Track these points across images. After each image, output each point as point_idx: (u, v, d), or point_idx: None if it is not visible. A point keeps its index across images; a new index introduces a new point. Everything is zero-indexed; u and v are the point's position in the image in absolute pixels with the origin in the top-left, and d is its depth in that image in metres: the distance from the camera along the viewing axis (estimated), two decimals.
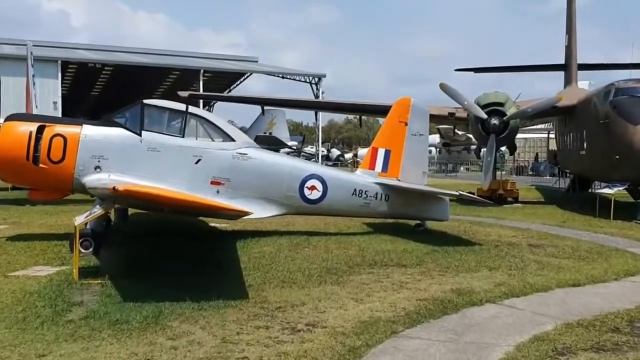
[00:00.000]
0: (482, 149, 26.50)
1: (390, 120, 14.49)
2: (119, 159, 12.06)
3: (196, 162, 12.44)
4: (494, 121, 21.21)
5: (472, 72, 36.37)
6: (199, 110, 13.00)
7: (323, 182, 13.44)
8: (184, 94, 26.37)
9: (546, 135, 56.11)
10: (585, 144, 21.20)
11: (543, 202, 25.56)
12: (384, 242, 12.86)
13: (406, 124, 14.29)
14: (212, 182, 12.58)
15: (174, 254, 11.00)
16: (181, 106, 12.80)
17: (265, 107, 62.00)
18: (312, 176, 13.41)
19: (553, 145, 56.13)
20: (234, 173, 12.68)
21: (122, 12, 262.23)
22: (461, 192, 13.25)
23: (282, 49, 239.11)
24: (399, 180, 14.16)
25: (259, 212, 12.87)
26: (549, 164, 50.41)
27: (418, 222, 14.62)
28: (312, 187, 13.35)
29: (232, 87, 67.36)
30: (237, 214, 8.22)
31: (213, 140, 12.78)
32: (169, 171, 12.25)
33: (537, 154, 58.88)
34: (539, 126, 57.74)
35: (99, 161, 12.02)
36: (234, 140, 12.82)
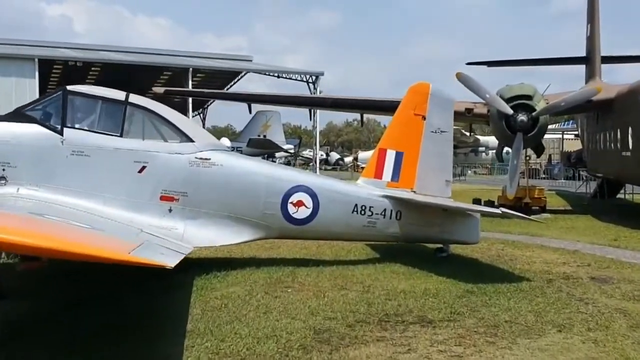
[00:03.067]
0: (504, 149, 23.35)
1: (402, 112, 11.08)
2: (33, 166, 8.82)
3: (139, 171, 9.16)
4: (522, 117, 17.75)
5: (477, 73, 33.22)
6: (146, 101, 9.68)
7: (313, 195, 10.09)
8: (159, 89, 23.02)
9: (559, 136, 52.97)
10: (630, 144, 17.80)
11: (573, 211, 22.16)
12: (396, 277, 9.51)
13: (424, 118, 10.90)
14: (162, 198, 9.27)
15: (92, 306, 7.63)
16: (119, 95, 9.48)
17: (260, 109, 59.05)
18: (298, 188, 10.06)
19: (568, 147, 53.14)
20: (193, 185, 9.38)
21: (124, 16, 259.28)
22: (504, 210, 9.95)
23: (283, 53, 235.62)
24: (415, 192, 10.81)
25: (227, 237, 9.61)
26: (564, 166, 47.27)
27: (440, 246, 11.26)
28: (299, 203, 10.01)
29: (226, 88, 64.07)
30: (154, 266, 4.87)
31: (164, 140, 9.46)
32: (101, 183, 9.02)
33: (550, 155, 55.46)
34: (550, 126, 54.57)
35: (3, 170, 8.77)
36: (192, 140, 9.49)
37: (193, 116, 63.94)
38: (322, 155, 72.18)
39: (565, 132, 52.27)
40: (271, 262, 10.41)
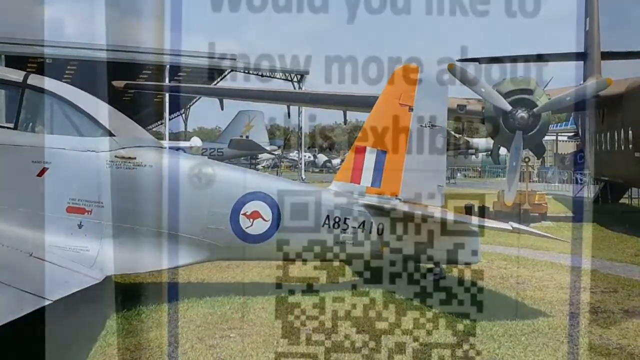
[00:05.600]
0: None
1: (385, 102, 8.95)
2: None
3: (39, 173, 7.00)
4: (522, 114, 15.84)
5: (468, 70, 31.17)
6: (50, 83, 7.53)
7: (273, 205, 7.98)
8: (119, 83, 20.80)
9: (553, 137, 51.23)
10: None
11: (576, 219, 20.17)
12: (375, 310, 7.40)
13: (411, 109, 8.81)
14: (69, 209, 7.12)
15: None
16: (15, 75, 7.31)
17: (242, 109, 56.76)
18: (254, 195, 7.94)
19: (563, 149, 51.42)
20: (111, 192, 7.22)
21: (115, 19, 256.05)
22: (514, 225, 7.92)
23: (274, 57, 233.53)
24: (400, 200, 8.73)
25: (157, 260, 7.49)
26: (558, 169, 45.58)
27: (431, 266, 9.16)
28: (255, 214, 7.90)
29: None
30: None
31: (74, 134, 7.31)
32: None
33: (543, 157, 53.76)
34: None
35: None
36: (111, 134, 7.34)
37: (171, 118, 61.92)
38: (309, 157, 70.19)
39: (560, 134, 50.60)
40: (220, 289, 8.28)
